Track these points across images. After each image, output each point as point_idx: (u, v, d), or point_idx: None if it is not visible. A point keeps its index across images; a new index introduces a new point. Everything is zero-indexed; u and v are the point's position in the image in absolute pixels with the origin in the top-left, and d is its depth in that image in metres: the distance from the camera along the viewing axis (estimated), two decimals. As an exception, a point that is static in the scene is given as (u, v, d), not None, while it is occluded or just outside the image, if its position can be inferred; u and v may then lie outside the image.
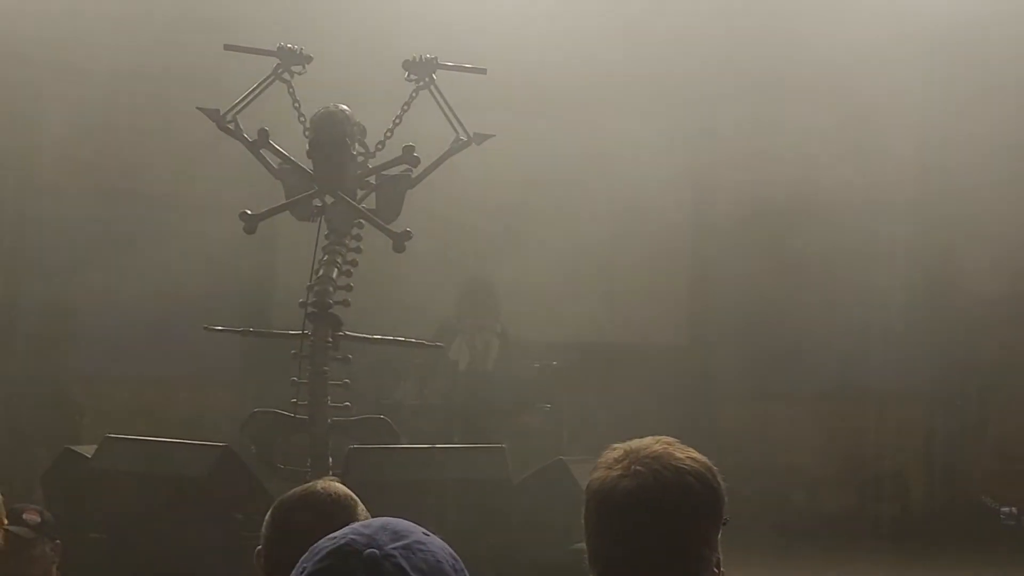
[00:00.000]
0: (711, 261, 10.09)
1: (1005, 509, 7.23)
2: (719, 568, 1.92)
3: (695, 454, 1.94)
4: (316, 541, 2.00)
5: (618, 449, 1.92)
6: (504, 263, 8.98)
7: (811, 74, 9.08)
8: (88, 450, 5.14)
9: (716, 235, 9.98)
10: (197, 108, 5.46)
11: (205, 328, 5.60)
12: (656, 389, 9.55)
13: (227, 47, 5.68)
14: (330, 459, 5.01)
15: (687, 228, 10.01)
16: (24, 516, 3.72)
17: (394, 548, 1.29)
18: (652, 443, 1.92)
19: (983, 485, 7.48)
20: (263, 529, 2.12)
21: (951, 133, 9.01)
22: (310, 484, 2.19)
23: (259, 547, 2.13)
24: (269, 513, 2.13)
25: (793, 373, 9.46)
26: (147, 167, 8.68)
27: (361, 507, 2.12)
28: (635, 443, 1.93)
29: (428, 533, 1.36)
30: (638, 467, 1.85)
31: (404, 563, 1.27)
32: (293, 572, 1.33)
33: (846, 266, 9.23)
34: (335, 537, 1.33)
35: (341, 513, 2.08)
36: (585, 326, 9.42)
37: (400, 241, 5.06)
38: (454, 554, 1.35)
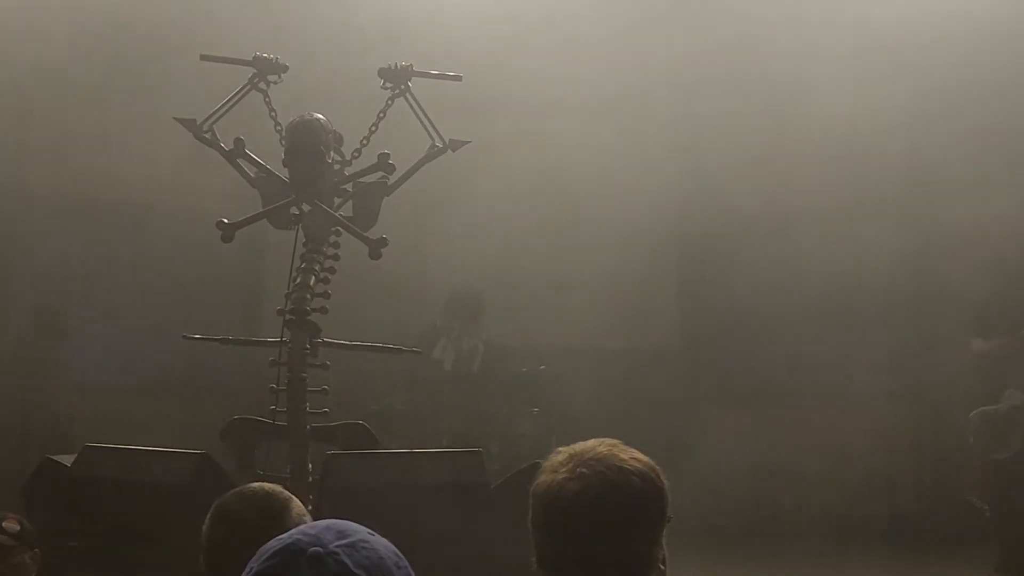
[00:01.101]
0: (699, 264, 10.12)
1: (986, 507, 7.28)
2: (664, 564, 1.96)
3: (638, 455, 1.97)
4: (251, 538, 2.04)
5: (562, 453, 1.96)
6: (492, 268, 9.02)
7: (795, 79, 9.13)
8: (69, 459, 5.16)
9: (703, 238, 10.00)
10: (174, 118, 5.50)
11: (184, 337, 5.63)
12: (644, 392, 9.58)
13: (203, 57, 5.72)
14: (310, 465, 5.04)
15: (674, 231, 10.03)
16: (3, 524, 3.74)
17: (337, 546, 1.33)
18: (596, 445, 1.96)
19: (969, 486, 7.50)
20: (204, 530, 2.15)
21: (937, 135, 9.05)
22: (244, 486, 2.23)
23: (201, 555, 2.16)
24: (210, 513, 2.17)
25: (781, 376, 9.48)
26: (127, 177, 8.71)
27: (296, 504, 2.15)
28: (579, 446, 1.96)
29: (373, 533, 1.40)
30: (583, 469, 1.88)
31: (347, 560, 1.31)
32: (243, 573, 1.37)
33: (833, 268, 9.25)
34: (282, 538, 1.37)
35: (274, 506, 2.12)
36: (573, 330, 9.44)
37: (376, 248, 5.08)
38: (398, 553, 1.40)
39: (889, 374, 9.38)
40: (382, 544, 1.38)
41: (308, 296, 5.10)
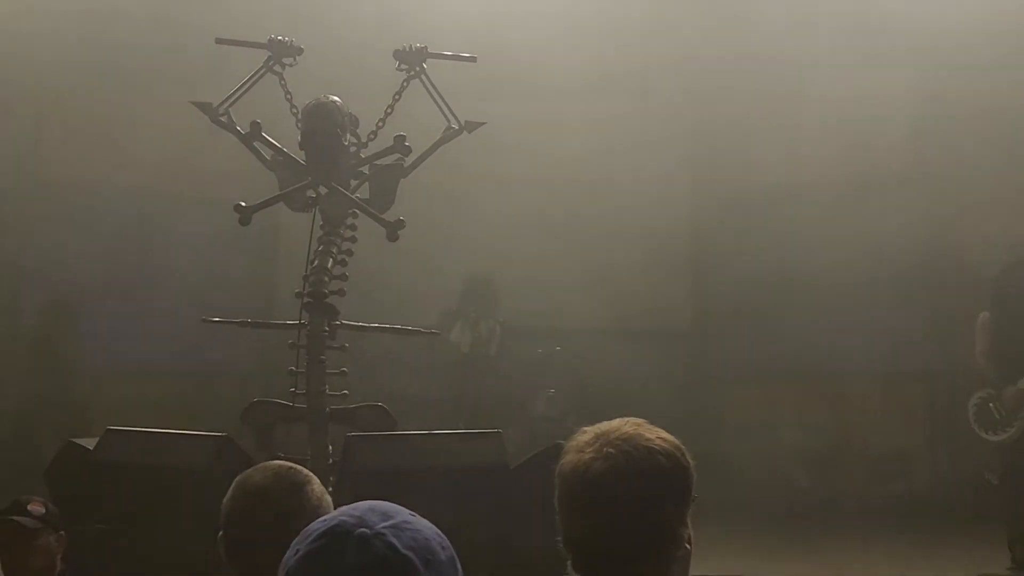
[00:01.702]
0: (711, 245, 10.10)
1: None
2: (690, 544, 1.96)
3: (664, 434, 1.97)
4: (271, 510, 2.05)
5: (588, 432, 1.95)
6: (507, 250, 9.02)
7: (803, 57, 9.09)
8: (91, 443, 5.18)
9: (716, 219, 9.98)
10: (190, 102, 5.49)
11: (203, 320, 5.64)
12: (660, 373, 9.58)
13: (219, 40, 5.71)
14: (329, 447, 5.06)
15: (687, 213, 10.01)
16: (29, 507, 3.76)
17: (383, 527, 1.33)
18: (622, 425, 1.95)
19: (985, 463, 7.47)
20: (223, 512, 2.16)
21: (947, 110, 8.99)
22: (262, 464, 2.24)
23: (220, 532, 2.17)
24: (227, 496, 2.17)
25: (795, 355, 9.46)
26: (143, 162, 8.72)
27: (316, 481, 2.16)
28: (604, 425, 1.96)
29: (414, 515, 1.41)
30: (609, 449, 1.88)
31: (394, 541, 1.31)
32: (286, 555, 1.36)
33: (846, 246, 9.22)
34: (326, 519, 1.37)
35: (295, 480, 2.13)
36: (588, 312, 9.44)
37: (393, 230, 5.07)
38: (441, 534, 1.40)
39: (903, 352, 9.36)
40: (425, 525, 1.39)
41: (326, 279, 5.11)
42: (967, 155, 8.94)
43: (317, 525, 1.37)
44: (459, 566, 1.39)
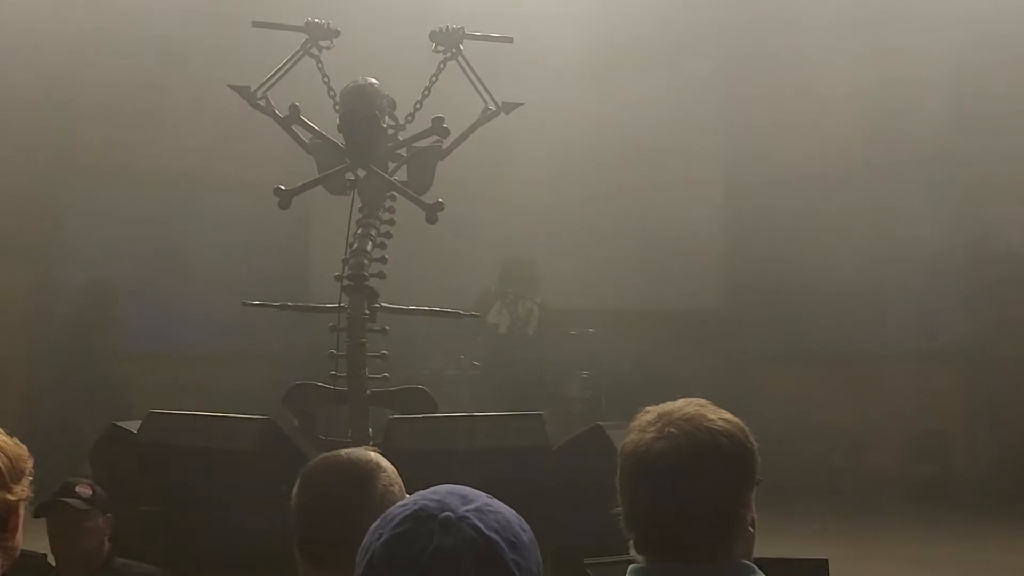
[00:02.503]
0: (745, 227, 10.04)
1: None
2: (753, 527, 1.95)
3: (727, 415, 1.95)
4: (341, 504, 2.06)
5: (651, 412, 1.94)
6: (541, 232, 9.01)
7: (837, 36, 8.99)
8: (134, 425, 5.21)
9: (749, 200, 9.92)
10: (228, 85, 5.49)
11: (243, 303, 5.65)
12: (692, 354, 9.55)
13: (255, 24, 5.70)
14: (370, 429, 5.06)
15: (719, 194, 9.96)
16: (77, 489, 3.79)
17: (467, 511, 1.34)
18: (684, 405, 1.94)
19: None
20: (293, 497, 2.17)
21: (985, 85, 8.88)
22: (334, 451, 2.24)
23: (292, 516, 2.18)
24: (298, 480, 2.18)
25: (830, 335, 9.41)
26: (180, 147, 8.75)
27: (385, 472, 2.16)
28: (667, 406, 1.94)
29: (492, 498, 1.41)
30: (671, 429, 1.87)
31: (479, 523, 1.32)
32: (367, 540, 1.37)
33: (882, 226, 9.15)
34: (406, 504, 1.37)
35: (360, 474, 2.13)
36: (621, 293, 9.42)
37: (432, 212, 5.05)
38: (519, 516, 1.40)
39: (937, 333, 9.29)
40: (505, 508, 1.39)
41: (366, 261, 5.10)
42: (1000, 136, 8.83)
43: (398, 510, 1.37)
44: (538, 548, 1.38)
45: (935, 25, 8.87)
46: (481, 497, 1.39)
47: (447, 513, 1.33)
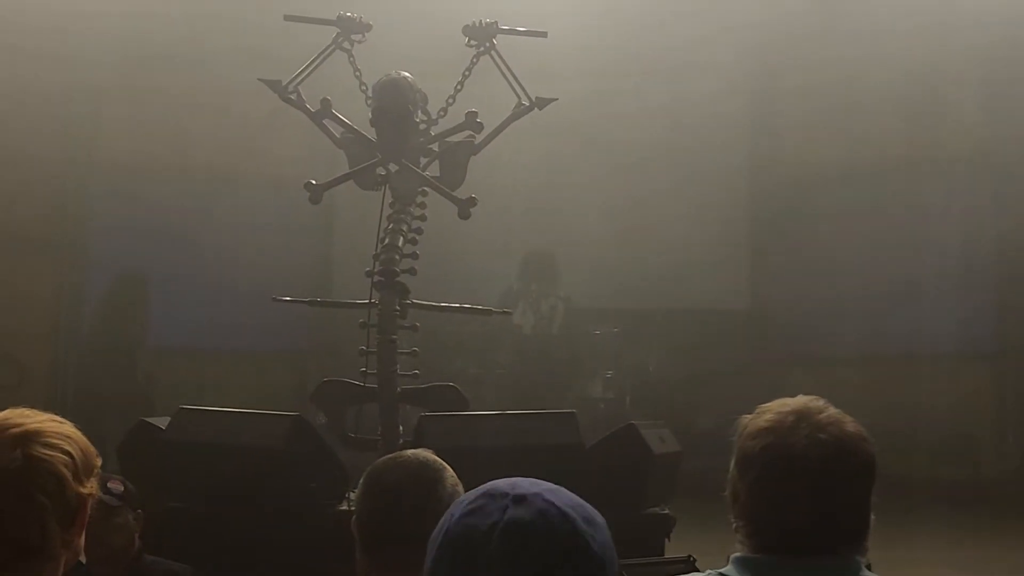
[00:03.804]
0: (772, 226, 9.97)
1: None
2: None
3: (850, 417, 1.96)
4: (405, 502, 2.03)
5: (784, 413, 1.91)
6: (565, 231, 8.95)
7: (866, 35, 8.91)
8: (162, 422, 5.18)
9: (777, 199, 9.85)
10: (259, 79, 5.45)
11: (274, 299, 5.61)
12: (717, 355, 9.48)
13: (287, 17, 5.67)
14: (400, 427, 5.02)
15: (747, 193, 9.89)
16: (108, 485, 3.75)
17: (539, 490, 1.35)
18: (823, 407, 1.93)
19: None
20: (357, 497, 2.15)
21: (1013, 87, 8.79)
22: (399, 452, 2.24)
23: (354, 517, 2.15)
24: (361, 481, 2.16)
25: (857, 336, 9.32)
26: (209, 141, 8.73)
27: (449, 472, 2.14)
28: (798, 407, 1.92)
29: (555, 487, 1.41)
30: (820, 435, 1.87)
31: (552, 499, 1.33)
32: (441, 522, 1.36)
33: (908, 226, 9.06)
34: (475, 489, 1.38)
35: (429, 475, 2.11)
36: (645, 293, 9.36)
37: (465, 208, 5.01)
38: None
39: (970, 334, 9.19)
40: (572, 494, 1.39)
41: (397, 257, 5.06)
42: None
43: (468, 494, 1.38)
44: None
45: (967, 24, 8.78)
46: (545, 483, 1.39)
47: (520, 491, 1.33)
